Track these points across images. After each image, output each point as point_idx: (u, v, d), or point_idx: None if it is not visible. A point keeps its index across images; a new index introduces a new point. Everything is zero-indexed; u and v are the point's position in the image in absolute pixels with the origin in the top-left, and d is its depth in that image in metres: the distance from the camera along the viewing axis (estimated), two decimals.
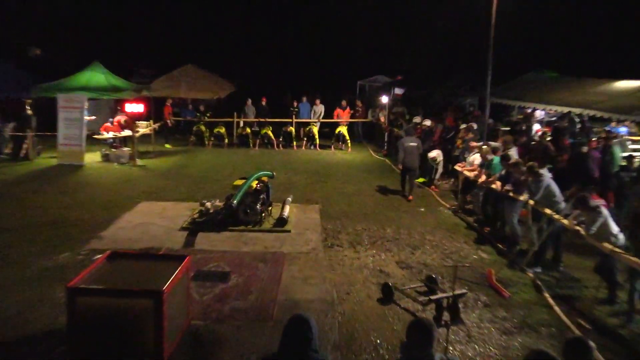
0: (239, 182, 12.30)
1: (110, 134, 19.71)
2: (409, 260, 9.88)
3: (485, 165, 12.16)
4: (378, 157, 21.31)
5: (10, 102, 20.09)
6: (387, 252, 10.27)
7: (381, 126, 23.34)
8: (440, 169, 15.90)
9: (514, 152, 12.10)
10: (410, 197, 14.47)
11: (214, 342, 6.83)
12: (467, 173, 13.09)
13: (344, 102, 25.05)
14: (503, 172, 11.17)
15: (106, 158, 19.02)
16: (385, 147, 22.14)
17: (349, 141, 22.77)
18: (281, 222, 11.54)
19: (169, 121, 23.29)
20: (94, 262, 7.25)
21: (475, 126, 15.54)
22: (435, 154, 15.70)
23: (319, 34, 35.96)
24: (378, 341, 6.95)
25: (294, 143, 23.23)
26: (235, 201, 11.25)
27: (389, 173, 18.04)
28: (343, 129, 22.82)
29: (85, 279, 6.38)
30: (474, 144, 13.71)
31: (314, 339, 3.90)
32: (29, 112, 19.43)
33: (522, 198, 10.23)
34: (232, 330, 7.13)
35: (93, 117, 19.96)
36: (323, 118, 24.91)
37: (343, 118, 24.84)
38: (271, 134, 22.76)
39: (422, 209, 13.47)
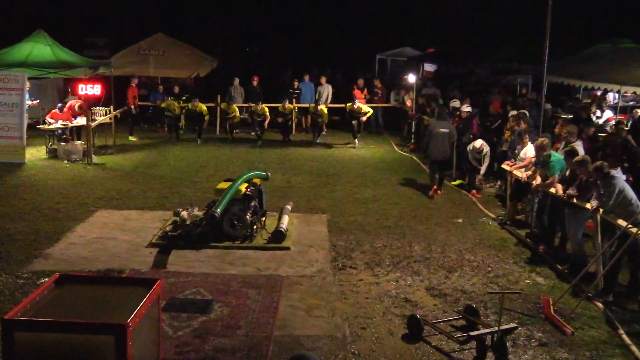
0: (223, 185, 12.36)
1: (59, 123, 19.80)
2: (443, 286, 9.90)
3: (542, 163, 12.17)
4: (403, 152, 21.37)
5: None
6: (414, 276, 10.30)
7: (407, 113, 23.39)
8: (486, 162, 15.81)
9: (579, 147, 12.10)
10: (439, 192, 15.19)
11: None
12: (517, 173, 13.11)
13: (360, 82, 25.10)
14: (566, 172, 11.18)
15: (53, 154, 19.12)
16: (413, 140, 22.19)
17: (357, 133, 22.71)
18: (278, 236, 11.60)
19: (133, 107, 23.34)
20: (38, 287, 7.31)
21: (527, 113, 15.57)
22: (480, 143, 15.66)
23: None
24: None
25: (292, 134, 23.35)
26: (218, 210, 11.31)
27: (418, 173, 18.08)
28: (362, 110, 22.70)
29: (26, 310, 6.42)
30: (527, 136, 13.73)
31: None
32: None
33: (589, 206, 10.24)
34: None
35: (36, 102, 20.07)
36: (331, 102, 24.93)
37: (361, 102, 24.90)
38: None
39: (460, 220, 13.50)
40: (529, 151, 13.16)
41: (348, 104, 21.43)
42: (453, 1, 32.80)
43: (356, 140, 22.30)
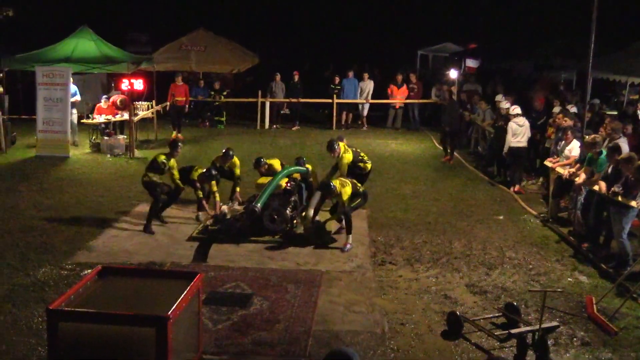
0: (263, 180, 12.42)
1: (102, 118, 20.07)
2: (483, 284, 9.84)
3: (587, 160, 12.01)
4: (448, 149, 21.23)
5: None
6: (454, 273, 10.25)
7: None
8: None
9: (623, 144, 11.91)
10: (448, 159, 17.94)
11: None
12: (560, 170, 12.95)
13: (399, 77, 25.03)
14: (609, 169, 11.02)
15: (97, 148, 19.40)
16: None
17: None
18: (320, 231, 11.59)
19: (169, 104, 22.83)
20: (81, 279, 7.43)
21: (575, 109, 15.36)
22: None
23: None
24: None
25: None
26: (259, 204, 11.36)
27: (459, 170, 17.97)
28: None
29: (70, 301, 6.53)
30: (570, 133, 13.54)
31: None
32: (0, 89, 19.94)
33: (634, 204, 10.08)
34: None
35: (77, 99, 20.36)
36: (373, 97, 24.92)
37: (397, 98, 24.83)
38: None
39: (501, 217, 13.39)
40: (573, 148, 12.99)
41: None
42: None
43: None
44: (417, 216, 13.30)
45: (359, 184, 11.68)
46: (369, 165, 12.73)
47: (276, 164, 13.23)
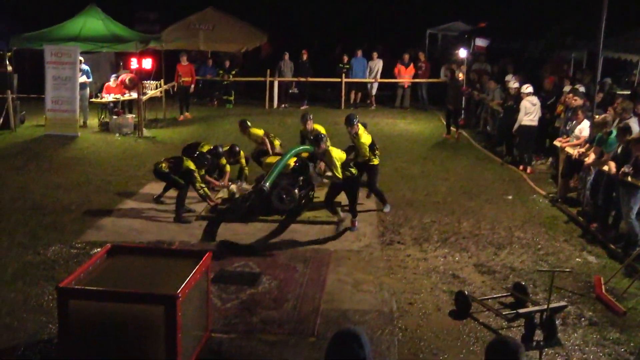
0: (272, 159, 12.42)
1: (111, 97, 20.08)
2: (492, 263, 9.85)
3: (597, 140, 11.95)
4: (452, 128, 21.14)
5: None
6: (462, 252, 10.26)
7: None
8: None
9: (633, 124, 11.84)
10: (448, 135, 19.35)
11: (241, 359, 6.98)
12: (570, 150, 12.90)
13: (406, 57, 24.93)
14: (619, 149, 10.97)
15: (105, 127, 19.46)
16: (463, 116, 21.96)
17: None
18: (331, 209, 11.52)
19: (176, 85, 22.49)
20: (91, 257, 7.48)
21: (583, 89, 15.26)
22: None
23: None
24: None
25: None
26: (267, 184, 11.34)
27: (468, 149, 17.93)
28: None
29: (79, 279, 6.59)
30: (581, 112, 13.47)
31: (367, 357, 3.95)
32: (9, 68, 19.96)
33: None
34: (263, 346, 7.26)
35: (89, 80, 20.34)
36: (382, 77, 24.87)
37: (405, 77, 24.76)
38: None
39: (510, 197, 13.37)
40: (584, 128, 12.93)
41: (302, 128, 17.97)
42: None
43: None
44: (426, 196, 13.29)
45: (355, 170, 11.39)
46: (376, 161, 12.46)
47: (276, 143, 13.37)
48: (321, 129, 13.43)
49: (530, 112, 15.21)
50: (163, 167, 11.74)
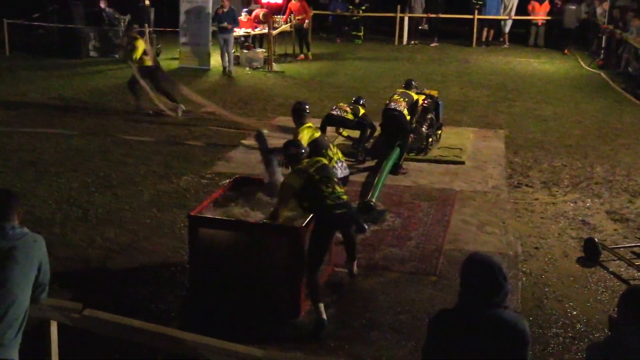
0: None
1: (242, 31, 20.37)
2: (625, 211, 9.45)
3: None
4: (591, 68, 20.26)
5: None
6: (594, 198, 9.90)
7: (597, 26, 22.08)
8: None
9: None
10: None
11: (361, 295, 7.07)
12: None
13: None
14: None
15: (236, 61, 19.81)
16: (602, 55, 20.99)
17: None
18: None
19: (300, 22, 21.36)
20: (219, 188, 7.73)
21: None
22: None
23: None
24: (574, 312, 6.82)
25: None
26: (374, 198, 11.15)
27: (605, 91, 17.16)
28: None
29: (209, 208, 6.84)
30: None
31: (507, 292, 3.80)
32: (147, 2, 20.58)
33: None
34: (384, 282, 7.32)
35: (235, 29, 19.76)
36: (516, 13, 24.06)
37: (540, 14, 23.80)
38: None
39: None
40: None
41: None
42: None
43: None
44: (557, 138, 12.86)
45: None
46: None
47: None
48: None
49: None
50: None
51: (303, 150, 6.88)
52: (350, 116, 11.25)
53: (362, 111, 11.45)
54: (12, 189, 7.24)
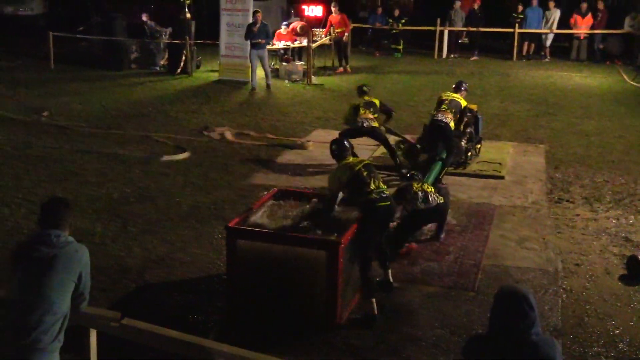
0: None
1: (282, 44, 20.50)
2: None
3: None
4: (634, 83, 19.96)
5: (166, 4, 21.62)
6: (637, 215, 9.73)
7: None
8: None
9: None
10: None
11: (398, 309, 7.04)
12: None
13: (584, 5, 23.59)
14: None
15: (275, 73, 19.91)
16: None
17: None
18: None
19: (340, 35, 21.26)
20: (258, 200, 7.76)
21: None
22: None
23: None
24: (617, 331, 6.71)
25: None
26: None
27: None
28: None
29: (247, 220, 6.87)
30: None
31: (537, 319, 3.87)
32: (188, 15, 20.82)
33: None
34: (422, 296, 7.28)
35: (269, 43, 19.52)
36: (558, 27, 23.79)
37: (582, 27, 23.50)
38: None
39: None
40: None
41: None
42: None
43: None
44: (599, 154, 12.69)
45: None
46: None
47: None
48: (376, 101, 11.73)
49: None
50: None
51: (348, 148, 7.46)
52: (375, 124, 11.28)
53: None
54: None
